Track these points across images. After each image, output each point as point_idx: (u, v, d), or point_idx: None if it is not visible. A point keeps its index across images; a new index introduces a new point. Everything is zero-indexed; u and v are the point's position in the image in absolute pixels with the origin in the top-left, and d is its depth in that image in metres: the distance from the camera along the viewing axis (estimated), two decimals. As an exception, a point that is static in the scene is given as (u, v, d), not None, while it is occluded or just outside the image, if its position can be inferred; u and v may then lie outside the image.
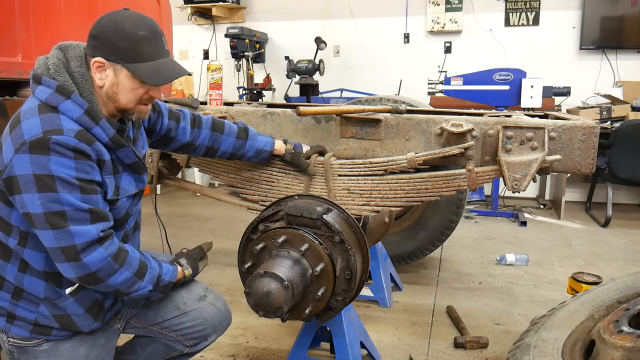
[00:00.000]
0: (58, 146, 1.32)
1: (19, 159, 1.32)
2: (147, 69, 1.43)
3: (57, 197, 1.32)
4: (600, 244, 4.21)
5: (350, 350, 1.98)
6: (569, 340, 1.78)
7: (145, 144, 1.72)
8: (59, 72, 1.40)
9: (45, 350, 1.52)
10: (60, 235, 1.34)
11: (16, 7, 2.63)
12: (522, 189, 1.96)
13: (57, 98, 1.38)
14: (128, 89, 1.45)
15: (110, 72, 1.43)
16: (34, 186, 1.32)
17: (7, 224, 1.44)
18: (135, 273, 1.47)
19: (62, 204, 1.33)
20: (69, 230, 1.34)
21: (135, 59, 1.42)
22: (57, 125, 1.35)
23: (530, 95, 4.48)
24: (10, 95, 2.63)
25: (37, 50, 2.70)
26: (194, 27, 6.63)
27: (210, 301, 1.78)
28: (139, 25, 1.42)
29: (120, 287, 1.46)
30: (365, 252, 1.81)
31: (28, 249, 1.44)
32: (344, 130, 2.22)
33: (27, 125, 1.34)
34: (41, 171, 1.31)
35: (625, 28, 5.41)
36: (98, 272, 1.39)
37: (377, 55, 6.11)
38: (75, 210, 1.35)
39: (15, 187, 1.34)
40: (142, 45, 1.42)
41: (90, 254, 1.37)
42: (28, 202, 1.33)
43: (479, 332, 2.64)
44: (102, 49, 1.41)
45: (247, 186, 2.27)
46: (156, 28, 1.46)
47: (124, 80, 1.43)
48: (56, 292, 1.49)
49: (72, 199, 1.34)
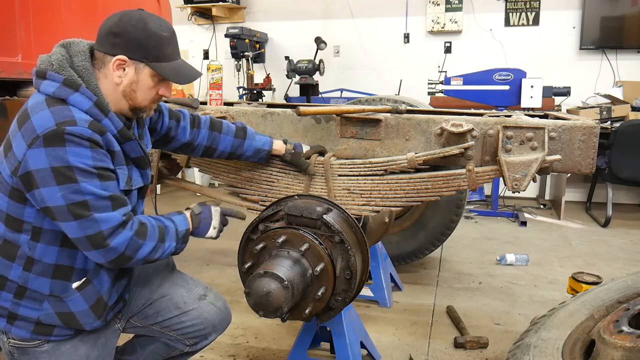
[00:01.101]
0: (73, 137, 1.32)
1: (34, 153, 1.32)
2: (170, 69, 1.48)
3: (77, 187, 1.33)
4: (600, 244, 4.21)
5: (350, 350, 1.98)
6: (569, 340, 1.78)
7: (149, 143, 1.73)
8: (63, 67, 1.41)
9: (46, 351, 1.52)
10: (85, 225, 1.35)
11: (16, 7, 2.63)
12: (522, 189, 1.96)
13: (65, 91, 1.38)
14: (147, 88, 1.48)
15: (130, 70, 1.45)
16: (52, 179, 1.32)
17: (18, 221, 1.43)
18: (158, 239, 1.50)
19: (84, 194, 1.34)
20: (93, 218, 1.35)
21: (159, 59, 1.45)
22: (69, 116, 1.35)
23: (530, 95, 4.48)
24: (10, 95, 2.63)
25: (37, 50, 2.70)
26: (194, 27, 6.63)
27: (210, 300, 1.79)
28: (162, 26, 1.46)
29: (148, 257, 1.48)
30: (365, 252, 1.81)
31: (41, 244, 1.44)
32: (344, 130, 2.22)
33: (38, 119, 1.34)
34: (59, 163, 1.31)
35: (625, 28, 5.41)
36: (126, 252, 1.42)
37: (377, 55, 6.11)
38: (97, 199, 1.36)
39: (32, 183, 1.33)
40: (165, 46, 1.46)
41: (117, 238, 1.39)
42: (47, 196, 1.33)
43: (479, 332, 2.64)
44: (125, 47, 1.42)
45: (247, 186, 2.27)
46: (174, 30, 1.51)
47: (145, 78, 1.46)
48: (63, 287, 1.48)
49: (92, 187, 1.35)
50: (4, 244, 1.45)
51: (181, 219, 1.62)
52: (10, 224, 1.44)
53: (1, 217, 1.44)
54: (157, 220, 1.54)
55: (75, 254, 1.47)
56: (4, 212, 1.43)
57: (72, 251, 1.47)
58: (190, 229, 1.64)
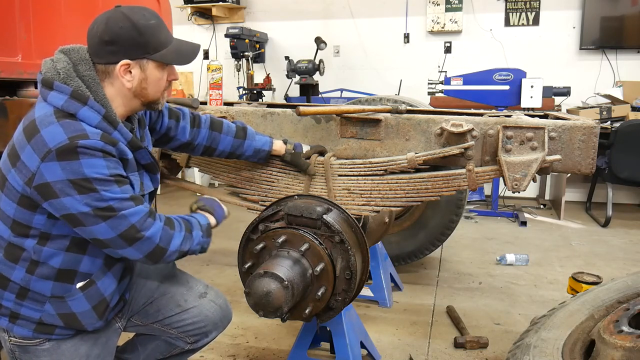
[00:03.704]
0: (86, 149, 1.33)
1: (48, 167, 1.32)
2: (171, 53, 1.49)
3: (99, 196, 1.35)
4: (600, 244, 4.21)
5: (350, 350, 1.98)
6: (569, 340, 1.78)
7: (150, 143, 1.73)
8: (70, 77, 1.40)
9: (46, 350, 1.52)
10: (116, 222, 1.37)
11: (16, 7, 2.62)
12: (522, 189, 1.96)
13: (74, 105, 1.38)
14: (156, 80, 1.49)
15: (136, 70, 1.45)
16: (72, 189, 1.32)
17: (26, 226, 1.43)
18: (186, 230, 1.54)
19: (106, 200, 1.36)
20: (122, 215, 1.38)
21: (157, 48, 1.46)
22: (80, 130, 1.35)
23: (530, 95, 4.48)
24: (10, 95, 2.63)
25: (37, 50, 2.70)
26: (194, 27, 6.62)
27: (211, 298, 1.80)
28: (147, 16, 1.45)
29: (181, 248, 1.51)
30: (365, 252, 1.81)
31: (47, 248, 1.44)
32: (344, 130, 2.22)
33: (49, 134, 1.33)
34: (75, 176, 1.32)
35: (625, 28, 5.41)
36: (160, 243, 1.45)
37: (377, 55, 6.11)
38: (120, 201, 1.38)
39: (51, 193, 1.33)
40: (158, 33, 1.46)
41: (150, 228, 1.43)
42: (70, 204, 1.34)
43: (479, 332, 2.64)
44: (124, 51, 1.42)
45: (247, 186, 2.27)
46: (157, 14, 1.50)
47: (153, 71, 1.47)
48: (65, 289, 1.48)
49: (113, 194, 1.37)
50: (8, 247, 1.45)
51: (199, 216, 1.67)
52: (16, 229, 1.44)
53: (7, 222, 1.44)
54: (178, 216, 1.59)
55: (81, 258, 1.48)
56: (10, 218, 1.43)
57: (78, 256, 1.47)
58: (211, 223, 1.68)
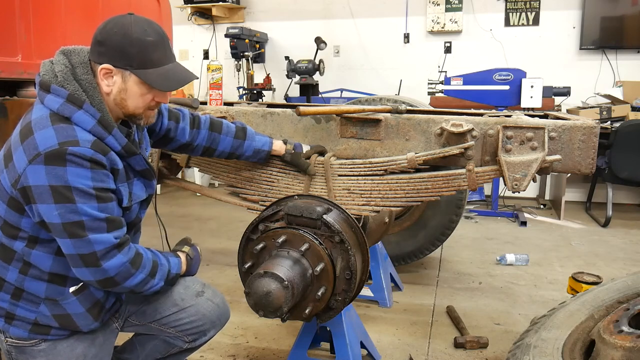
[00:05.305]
0: (74, 157, 1.32)
1: (33, 169, 1.32)
2: (157, 75, 1.43)
3: (74, 207, 1.33)
4: (600, 244, 4.21)
5: (350, 350, 1.98)
6: (569, 340, 1.78)
7: (148, 146, 1.73)
8: (68, 80, 1.39)
9: (43, 350, 1.52)
10: (80, 244, 1.36)
11: (16, 7, 2.63)
12: (522, 189, 1.96)
13: (69, 108, 1.37)
14: (137, 95, 1.45)
15: (118, 78, 1.42)
16: (50, 197, 1.32)
17: (16, 228, 1.43)
18: (149, 273, 1.51)
19: (80, 215, 1.34)
20: (87, 239, 1.36)
21: (144, 65, 1.41)
22: (72, 136, 1.35)
23: (530, 95, 4.48)
24: (10, 95, 2.63)
25: (37, 50, 2.71)
26: (194, 27, 6.63)
27: (208, 297, 1.79)
28: (147, 31, 1.41)
29: (134, 288, 1.50)
30: (365, 252, 1.81)
31: (36, 251, 1.45)
32: (344, 130, 2.22)
33: (41, 136, 1.33)
34: (57, 182, 1.32)
35: (625, 28, 5.41)
36: (116, 277, 1.43)
37: (377, 55, 6.11)
38: (93, 220, 1.36)
39: (30, 197, 1.34)
40: (150, 51, 1.41)
41: (110, 260, 1.40)
42: (45, 212, 1.34)
43: (479, 332, 2.64)
44: (109, 55, 1.40)
45: (247, 186, 2.27)
46: (163, 33, 1.46)
47: (133, 86, 1.43)
48: (59, 292, 1.49)
49: (89, 209, 1.35)
50: (1, 248, 1.46)
51: (176, 262, 1.65)
52: (6, 231, 1.45)
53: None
54: (153, 255, 1.56)
55: None
56: (1, 219, 1.44)
57: (67, 261, 1.47)
58: (181, 274, 1.68)
